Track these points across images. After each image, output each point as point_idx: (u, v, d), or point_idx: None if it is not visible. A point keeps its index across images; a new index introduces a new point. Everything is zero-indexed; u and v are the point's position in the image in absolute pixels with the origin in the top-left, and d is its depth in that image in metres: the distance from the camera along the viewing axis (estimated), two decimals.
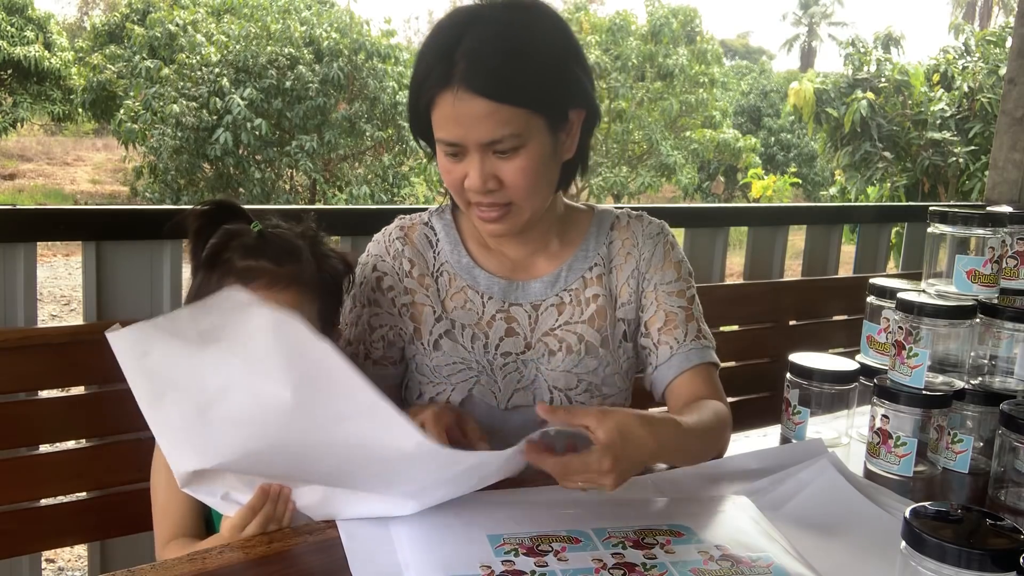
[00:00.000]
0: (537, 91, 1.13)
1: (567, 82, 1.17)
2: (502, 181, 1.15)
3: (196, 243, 1.14)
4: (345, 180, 12.08)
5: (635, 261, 1.33)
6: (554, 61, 1.16)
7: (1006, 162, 3.05)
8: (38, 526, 1.40)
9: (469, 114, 1.11)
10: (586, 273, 1.31)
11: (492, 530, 0.97)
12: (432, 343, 1.28)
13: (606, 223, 1.36)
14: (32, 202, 12.67)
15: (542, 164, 1.17)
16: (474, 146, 1.13)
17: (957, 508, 0.78)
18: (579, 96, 1.20)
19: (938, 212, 1.40)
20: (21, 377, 1.36)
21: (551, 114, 1.15)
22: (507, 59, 1.11)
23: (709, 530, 0.98)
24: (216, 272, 1.11)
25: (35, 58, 15.91)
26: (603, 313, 1.30)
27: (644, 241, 1.34)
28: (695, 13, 14.24)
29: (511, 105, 1.10)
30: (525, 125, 1.12)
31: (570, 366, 1.28)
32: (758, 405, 2.25)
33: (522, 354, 1.28)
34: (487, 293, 1.29)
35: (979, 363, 1.34)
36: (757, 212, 3.10)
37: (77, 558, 3.19)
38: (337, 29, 11.87)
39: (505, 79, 1.10)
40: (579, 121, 1.22)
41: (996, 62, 8.92)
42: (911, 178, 9.20)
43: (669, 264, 1.35)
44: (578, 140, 1.23)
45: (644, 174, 13.98)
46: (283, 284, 1.11)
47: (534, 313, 1.30)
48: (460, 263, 1.31)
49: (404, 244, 1.32)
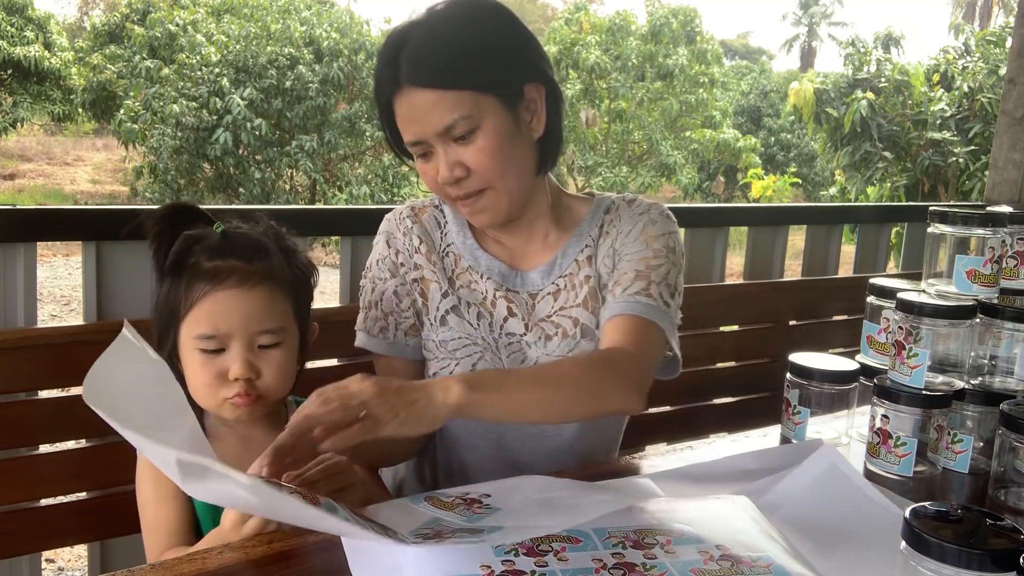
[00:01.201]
0: (478, 71, 1.17)
1: (512, 60, 1.21)
2: (468, 167, 1.19)
3: (157, 248, 1.14)
4: (345, 180, 12.08)
5: (612, 239, 1.33)
6: (493, 41, 1.20)
7: (1006, 162, 3.05)
8: (38, 526, 1.40)
9: (420, 108, 1.16)
10: (578, 256, 1.33)
11: None
12: (439, 318, 1.31)
13: (602, 207, 1.37)
14: (32, 202, 12.66)
15: (505, 142, 1.19)
16: (434, 139, 1.18)
17: (957, 508, 0.78)
18: (531, 71, 1.23)
19: (938, 212, 1.40)
20: (21, 377, 1.36)
21: (501, 92, 1.18)
22: (444, 48, 1.16)
23: (709, 530, 0.98)
24: (184, 277, 1.11)
25: (35, 58, 15.91)
26: (594, 294, 1.31)
27: (626, 219, 1.34)
28: (695, 13, 14.23)
29: (454, 89, 1.15)
30: (474, 106, 1.16)
31: (565, 350, 1.29)
32: (758, 405, 2.25)
33: (523, 336, 1.31)
34: (487, 275, 1.32)
35: (979, 363, 1.34)
36: (757, 212, 3.10)
37: (77, 558, 3.19)
38: (337, 29, 11.87)
39: (444, 67, 1.15)
40: (541, 98, 1.24)
41: (996, 62, 8.91)
42: (911, 178, 9.20)
43: (644, 236, 1.31)
44: (545, 118, 1.25)
45: (644, 174, 13.97)
46: (255, 281, 1.11)
47: (531, 301, 1.32)
48: (465, 244, 1.34)
49: (414, 223, 1.35)
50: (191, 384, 1.12)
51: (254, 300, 1.11)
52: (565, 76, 13.54)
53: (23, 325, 1.45)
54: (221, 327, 1.09)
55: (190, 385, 1.12)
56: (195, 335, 1.09)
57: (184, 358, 1.12)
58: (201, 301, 1.09)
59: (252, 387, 1.10)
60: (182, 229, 1.15)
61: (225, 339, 1.09)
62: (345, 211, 2.29)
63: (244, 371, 1.09)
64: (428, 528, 0.94)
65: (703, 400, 2.20)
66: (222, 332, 1.09)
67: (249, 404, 1.11)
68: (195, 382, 1.11)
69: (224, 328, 1.09)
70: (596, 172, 13.82)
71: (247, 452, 1.00)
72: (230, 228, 1.16)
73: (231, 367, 1.09)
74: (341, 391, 0.95)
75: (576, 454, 1.34)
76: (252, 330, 1.10)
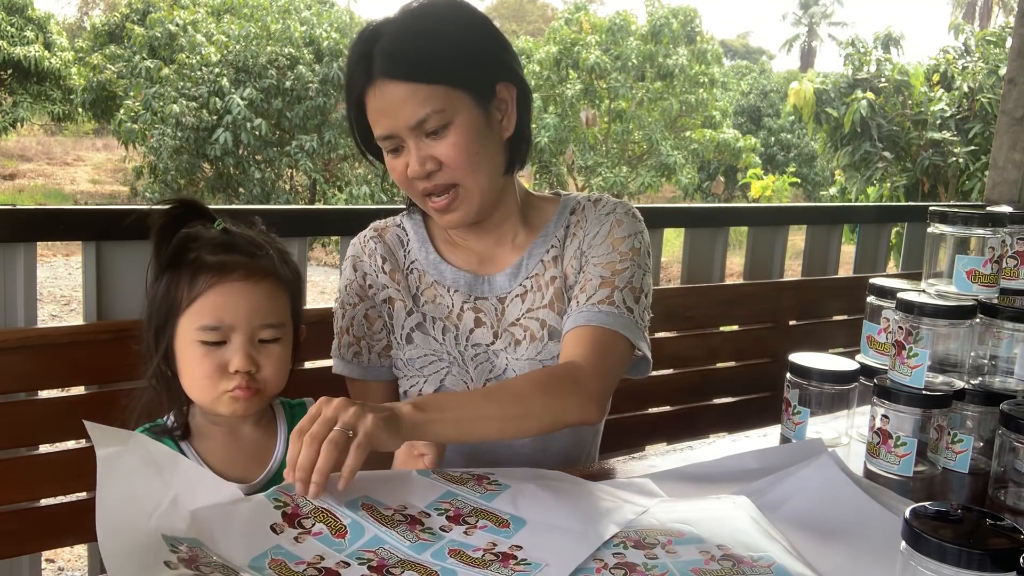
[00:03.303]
0: (452, 67, 1.18)
1: (485, 58, 1.22)
2: (440, 161, 1.19)
3: (160, 242, 1.13)
4: (345, 180, 12.08)
5: (579, 240, 1.33)
6: (467, 38, 1.21)
7: (1006, 162, 3.05)
8: (38, 526, 1.40)
9: (392, 101, 1.17)
10: (544, 256, 1.33)
11: None
12: (405, 336, 1.32)
13: (568, 208, 1.37)
14: (32, 202, 12.66)
15: (476, 139, 1.20)
16: (406, 132, 1.18)
17: (957, 508, 0.78)
18: (502, 70, 1.24)
19: (938, 212, 1.40)
20: (21, 377, 1.36)
21: (474, 88, 1.19)
22: (419, 43, 1.17)
23: (710, 530, 0.98)
24: (186, 271, 1.11)
25: (35, 58, 15.91)
26: (560, 295, 1.31)
27: (593, 219, 1.33)
28: (695, 13, 14.22)
29: (428, 83, 1.16)
30: (447, 100, 1.16)
31: (533, 353, 1.29)
32: (758, 405, 2.25)
33: (491, 345, 1.30)
34: (453, 287, 1.32)
35: (979, 363, 1.34)
36: (757, 212, 3.10)
37: (77, 558, 3.19)
38: (337, 29, 11.87)
39: (418, 61, 1.16)
40: (512, 98, 1.25)
41: (996, 62, 8.91)
42: (911, 178, 9.20)
43: (610, 239, 1.31)
44: (516, 118, 1.26)
45: (644, 174, 13.97)
46: (259, 276, 1.12)
47: (500, 306, 1.32)
48: (428, 259, 1.34)
49: (378, 243, 1.36)
50: (189, 377, 1.12)
51: (259, 294, 1.12)
52: (565, 76, 13.53)
53: (23, 325, 1.45)
54: (226, 319, 1.09)
55: (187, 379, 1.12)
56: (198, 326, 1.09)
57: (182, 352, 1.12)
58: (207, 292, 1.09)
59: (252, 380, 1.11)
60: (186, 225, 1.15)
61: (228, 331, 1.10)
62: (345, 211, 2.28)
63: (246, 364, 1.09)
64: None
65: (703, 400, 2.20)
66: (226, 324, 1.09)
67: (249, 397, 1.11)
68: (195, 375, 1.11)
69: (229, 320, 1.09)
70: (596, 172, 13.81)
71: (235, 450, 1.00)
72: (230, 226, 1.17)
73: (232, 359, 1.09)
74: (321, 422, 0.95)
75: (552, 457, 1.33)
76: (255, 324, 1.11)
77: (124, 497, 0.90)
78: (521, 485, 1.04)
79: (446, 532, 0.94)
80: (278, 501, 0.95)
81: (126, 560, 0.83)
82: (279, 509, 0.94)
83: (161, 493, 0.93)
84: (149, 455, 0.97)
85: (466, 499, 1.01)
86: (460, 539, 0.93)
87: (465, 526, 0.96)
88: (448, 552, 0.91)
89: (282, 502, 0.95)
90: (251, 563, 0.86)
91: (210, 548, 0.88)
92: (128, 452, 0.96)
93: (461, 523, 0.96)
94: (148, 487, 0.93)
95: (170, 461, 0.98)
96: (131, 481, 0.93)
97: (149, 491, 0.93)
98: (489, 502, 1.01)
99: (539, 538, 0.94)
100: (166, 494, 0.93)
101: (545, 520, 0.98)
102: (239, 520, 0.92)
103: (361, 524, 0.93)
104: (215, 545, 0.88)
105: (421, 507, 0.98)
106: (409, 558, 0.89)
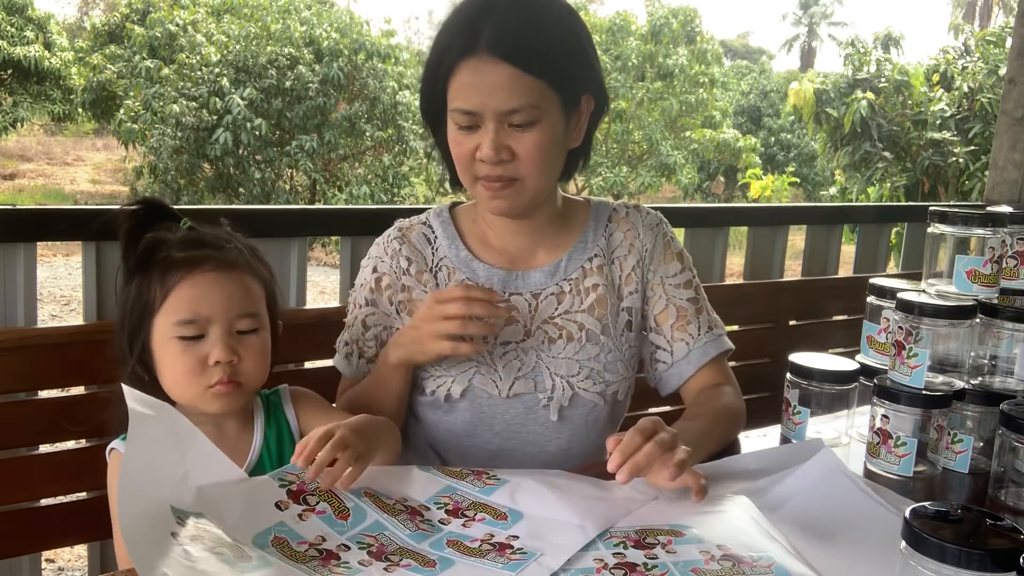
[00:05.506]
0: (557, 65, 1.17)
1: (583, 63, 1.22)
2: (515, 153, 1.18)
3: (127, 244, 1.13)
4: (345, 180, 12.08)
5: (638, 253, 1.36)
6: (573, 40, 1.21)
7: (1006, 162, 3.05)
8: (38, 526, 1.40)
9: (491, 80, 1.14)
10: (586, 263, 1.34)
11: None
12: None
13: (604, 214, 1.38)
14: (32, 202, 12.67)
15: (554, 143, 1.20)
16: (491, 115, 1.16)
17: (957, 508, 0.78)
18: (592, 81, 1.24)
19: (938, 212, 1.40)
20: (21, 377, 1.36)
21: (566, 94, 1.19)
22: (532, 31, 1.15)
23: (710, 530, 0.98)
24: (155, 271, 1.10)
25: (35, 58, 15.89)
26: (603, 302, 1.32)
27: (644, 232, 1.37)
28: (695, 13, 14.23)
29: (533, 75, 1.14)
30: (542, 98, 1.16)
31: (571, 353, 1.30)
32: (758, 405, 2.23)
33: (522, 342, 1.30)
34: (487, 283, 1.31)
35: (979, 363, 1.34)
36: (757, 212, 3.10)
37: (77, 558, 3.19)
38: (337, 29, 11.86)
39: (531, 48, 1.14)
40: (588, 110, 1.25)
41: (996, 62, 8.90)
42: (911, 178, 9.20)
43: (671, 255, 1.37)
44: (585, 130, 1.26)
45: (644, 174, 13.98)
46: (230, 266, 1.12)
47: (534, 301, 1.31)
48: (459, 257, 1.33)
49: (402, 243, 1.34)
50: (170, 376, 1.11)
51: (232, 283, 1.11)
52: None
53: (23, 325, 1.46)
54: (201, 311, 1.08)
55: (168, 378, 1.11)
56: (174, 321, 1.08)
57: (159, 352, 1.10)
58: (179, 286, 1.09)
59: (234, 372, 1.10)
60: (153, 226, 1.14)
61: (205, 324, 1.09)
62: (345, 211, 2.29)
63: (226, 354, 1.08)
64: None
65: None
66: (202, 316, 1.08)
67: (231, 391, 1.10)
68: (174, 372, 1.10)
69: (204, 311, 1.09)
70: (596, 172, 13.82)
71: (221, 446, 1.00)
72: (195, 225, 1.17)
73: (211, 352, 1.08)
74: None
75: (573, 459, 1.33)
76: (232, 314, 1.10)
77: (145, 465, 0.92)
78: (520, 480, 1.06)
79: (445, 525, 0.97)
80: (283, 480, 0.97)
81: (137, 522, 0.85)
82: (284, 487, 0.96)
83: (176, 465, 0.94)
84: (173, 426, 0.98)
85: (465, 493, 1.03)
86: (458, 531, 0.96)
87: (464, 519, 0.98)
88: (446, 542, 0.93)
89: (287, 481, 0.97)
90: (255, 540, 0.89)
91: (214, 523, 0.89)
92: (156, 421, 0.96)
93: (460, 516, 0.98)
94: (167, 457, 0.95)
95: (189, 435, 0.98)
96: (153, 449, 0.94)
97: (167, 461, 0.94)
98: (488, 496, 1.03)
99: (535, 529, 0.97)
100: (180, 467, 0.94)
101: (542, 513, 1.00)
102: (244, 497, 0.94)
103: (364, 509, 0.96)
104: (220, 521, 0.90)
105: (421, 500, 1.01)
106: (408, 546, 0.92)
